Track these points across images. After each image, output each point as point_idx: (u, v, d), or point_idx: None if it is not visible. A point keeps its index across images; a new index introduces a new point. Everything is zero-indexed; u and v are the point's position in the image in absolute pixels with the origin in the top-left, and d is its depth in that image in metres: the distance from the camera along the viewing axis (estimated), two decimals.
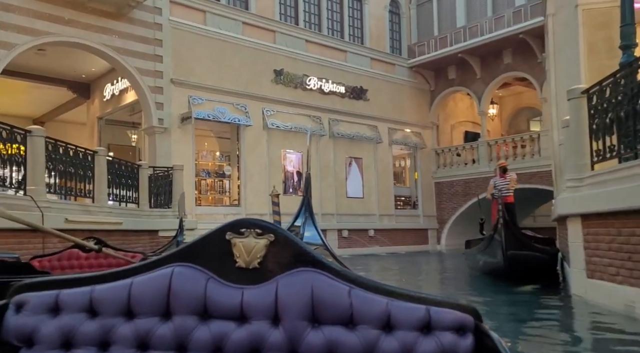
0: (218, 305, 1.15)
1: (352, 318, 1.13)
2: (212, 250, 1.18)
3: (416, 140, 18.09)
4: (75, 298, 1.18)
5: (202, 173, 13.55)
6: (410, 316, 1.12)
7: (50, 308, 1.18)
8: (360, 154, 16.38)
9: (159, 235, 8.89)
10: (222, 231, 1.19)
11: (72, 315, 1.17)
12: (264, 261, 1.16)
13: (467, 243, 9.07)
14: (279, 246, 1.16)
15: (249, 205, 13.49)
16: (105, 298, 1.17)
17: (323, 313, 1.13)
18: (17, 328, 1.16)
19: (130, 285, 1.17)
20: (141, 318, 1.16)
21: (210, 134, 14.27)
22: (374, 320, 1.12)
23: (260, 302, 1.14)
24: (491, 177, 14.09)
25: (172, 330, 1.14)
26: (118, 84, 13.06)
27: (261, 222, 1.19)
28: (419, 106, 18.37)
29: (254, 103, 13.84)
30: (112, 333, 1.15)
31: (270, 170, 14.02)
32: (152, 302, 1.16)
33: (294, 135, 14.65)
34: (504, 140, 16.93)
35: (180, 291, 1.15)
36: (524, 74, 16.29)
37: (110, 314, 1.16)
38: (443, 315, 1.12)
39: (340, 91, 15.96)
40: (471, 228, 18.45)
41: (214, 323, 1.14)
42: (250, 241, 1.16)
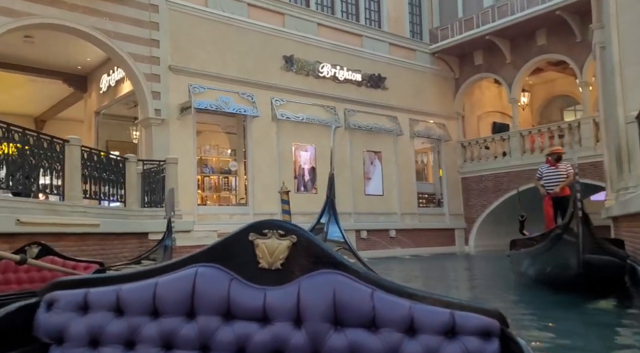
0: (241, 305, 1.17)
1: (374, 321, 1.13)
2: (235, 251, 1.21)
3: (440, 132, 16.67)
4: (102, 297, 1.22)
5: (205, 169, 12.41)
6: (434, 320, 1.11)
7: (80, 307, 1.22)
8: (379, 147, 15.04)
9: (149, 239, 7.74)
10: (245, 232, 1.22)
11: (100, 313, 1.21)
12: (287, 262, 1.18)
13: (512, 243, 7.62)
14: (302, 247, 1.18)
15: (257, 203, 12.31)
16: (131, 298, 1.20)
17: (345, 315, 1.14)
18: (47, 325, 1.20)
19: (155, 285, 1.20)
20: (166, 318, 1.19)
21: (213, 126, 13.13)
22: (397, 324, 1.12)
23: (282, 304, 1.15)
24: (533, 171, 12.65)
25: (196, 330, 1.17)
26: (114, 74, 12.02)
27: (284, 223, 1.22)
28: (442, 95, 16.94)
29: (262, 92, 12.65)
30: (138, 332, 1.18)
31: (280, 165, 12.81)
32: (176, 302, 1.18)
33: (306, 127, 13.41)
34: (538, 130, 15.38)
35: (204, 291, 1.17)
36: (560, 56, 14.73)
37: (136, 313, 1.20)
38: (468, 319, 1.10)
39: (356, 79, 14.67)
40: (503, 228, 16.91)
41: (237, 323, 1.17)
42: (273, 242, 1.19)
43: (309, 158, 13.59)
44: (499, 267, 11.06)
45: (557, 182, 8.62)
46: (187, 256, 1.23)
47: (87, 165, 6.63)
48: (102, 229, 6.57)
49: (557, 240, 5.43)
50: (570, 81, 18.34)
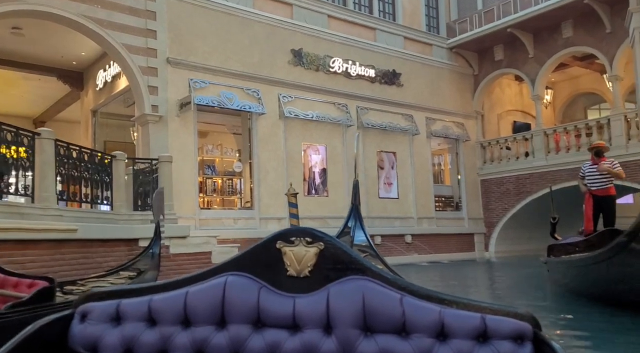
0: (271, 313, 1.18)
1: (404, 326, 1.13)
2: (263, 259, 1.22)
3: (458, 132, 15.68)
4: (134, 307, 1.24)
5: (207, 170, 11.56)
6: (465, 324, 1.10)
7: (112, 318, 1.24)
8: (394, 147, 14.11)
9: (140, 245, 6.89)
10: (273, 240, 1.22)
11: (132, 324, 1.23)
12: (315, 269, 1.19)
13: (550, 249, 6.58)
14: (329, 254, 1.19)
15: (263, 207, 11.43)
16: (162, 308, 1.22)
17: (375, 321, 1.14)
18: (82, 337, 1.22)
19: (186, 295, 1.22)
20: (197, 327, 1.20)
21: (216, 124, 12.28)
22: (428, 329, 1.11)
23: (312, 311, 1.16)
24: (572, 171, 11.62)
25: (228, 339, 1.18)
26: (110, 69, 11.25)
27: (311, 231, 1.23)
28: (460, 93, 15.97)
29: (268, 88, 11.79)
30: (171, 341, 1.20)
31: (288, 166, 11.93)
32: (207, 311, 1.20)
33: (315, 126, 12.53)
34: (564, 128, 14.32)
35: (234, 300, 1.19)
36: (589, 49, 13.70)
37: (168, 323, 1.21)
38: (500, 323, 1.09)
39: (370, 75, 13.76)
40: (525, 233, 15.87)
41: (268, 332, 1.17)
42: (301, 250, 1.20)
43: (320, 159, 12.70)
44: (525, 275, 10.06)
45: (599, 181, 7.67)
46: (216, 265, 1.26)
47: (64, 163, 5.80)
48: (82, 235, 5.72)
49: (621, 250, 4.44)
50: (596, 78, 17.30)
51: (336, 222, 12.69)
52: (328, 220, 12.39)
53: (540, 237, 16.74)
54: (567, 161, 13.83)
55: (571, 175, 13.67)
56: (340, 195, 12.75)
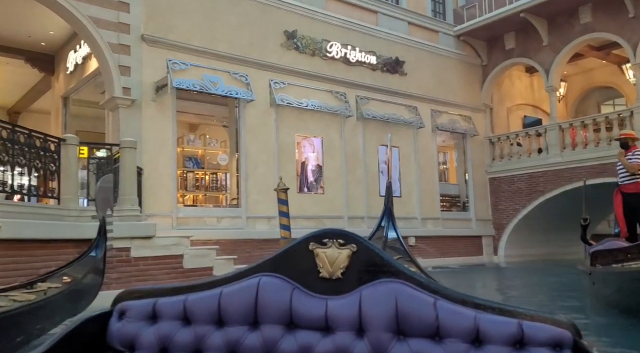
0: (303, 315, 1.19)
1: (438, 331, 1.10)
2: (296, 261, 1.23)
3: (466, 126, 14.51)
4: (170, 306, 1.27)
5: (188, 163, 10.37)
6: (501, 330, 1.08)
7: (149, 316, 1.27)
8: (397, 141, 12.92)
9: None
10: (306, 241, 1.25)
11: (168, 322, 1.26)
12: (347, 271, 1.19)
13: (595, 256, 5.30)
14: (362, 256, 1.19)
15: (251, 205, 10.25)
16: (197, 307, 1.25)
17: (408, 325, 1.12)
18: (120, 334, 1.26)
19: (220, 295, 1.24)
20: (231, 327, 1.22)
21: (204, 115, 11.09)
22: (462, 334, 1.09)
23: (344, 313, 1.16)
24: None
25: (261, 339, 1.19)
26: (81, 50, 10.07)
27: (344, 232, 1.24)
28: (468, 84, 14.81)
29: (258, 72, 10.62)
30: (205, 341, 1.22)
31: (280, 160, 10.76)
32: (240, 311, 1.22)
33: (311, 116, 11.36)
34: (581, 122, 13.15)
35: (267, 301, 1.21)
36: (609, 35, 12.55)
37: (203, 322, 1.24)
38: (537, 330, 1.06)
39: (371, 62, 12.60)
40: (537, 236, 14.67)
41: (300, 333, 1.19)
42: (333, 251, 1.21)
43: (315, 152, 11.52)
44: (547, 284, 8.84)
45: (625, 175, 6.60)
46: (250, 266, 1.27)
47: None
48: (9, 234, 4.53)
49: None
50: (611, 70, 16.18)
51: (333, 223, 11.53)
52: (324, 220, 11.23)
53: (554, 240, 15.65)
54: (585, 157, 12.69)
55: (590, 173, 12.53)
56: (338, 192, 11.58)
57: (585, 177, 12.65)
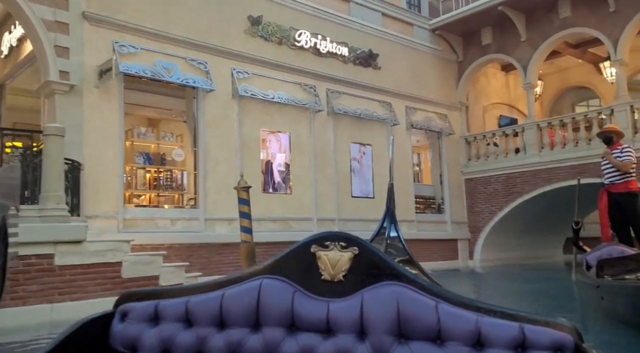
0: (305, 317, 1.18)
1: (439, 334, 1.11)
2: (298, 263, 1.23)
3: (441, 124, 13.88)
4: (172, 308, 1.27)
5: (138, 158, 9.30)
6: (503, 334, 1.08)
7: (151, 318, 1.27)
8: (370, 138, 12.17)
9: None
10: (307, 244, 1.23)
11: (170, 324, 1.25)
12: (349, 274, 1.19)
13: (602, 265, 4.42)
14: (364, 259, 1.18)
15: (210, 206, 9.27)
16: (199, 309, 1.24)
17: (409, 328, 1.12)
18: (122, 336, 1.26)
19: (222, 297, 1.24)
20: (232, 329, 1.22)
21: (154, 103, 10.04)
22: (464, 337, 1.10)
23: (345, 316, 1.16)
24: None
25: (262, 342, 1.19)
26: (16, 31, 8.90)
27: (346, 235, 1.23)
28: (443, 81, 14.20)
29: (219, 60, 9.68)
30: (206, 343, 1.22)
31: (243, 156, 9.82)
32: (242, 313, 1.22)
33: (278, 110, 10.46)
34: (560, 120, 12.67)
35: (268, 303, 1.20)
36: (589, 30, 12.11)
37: (204, 324, 1.24)
38: (539, 333, 1.06)
39: (343, 54, 11.80)
40: (513, 239, 14.10)
41: (301, 335, 1.18)
42: (335, 254, 1.20)
43: (282, 149, 10.62)
44: (532, 292, 8.15)
45: (612, 173, 6.00)
46: (252, 269, 1.28)
47: None
48: None
49: None
50: (587, 70, 15.89)
51: (301, 225, 10.64)
52: (291, 223, 10.34)
53: (530, 243, 15.16)
54: (564, 158, 12.21)
55: (569, 174, 12.06)
56: (306, 192, 10.70)
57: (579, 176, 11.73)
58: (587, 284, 4.94)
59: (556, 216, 14.07)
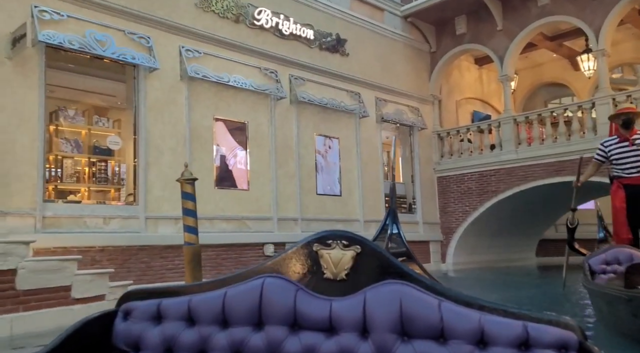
0: (307, 316, 1.18)
1: (442, 332, 1.10)
2: (300, 262, 1.25)
3: (413, 118, 12.99)
4: (175, 307, 1.27)
5: (64, 145, 7.93)
6: (506, 332, 1.07)
7: (153, 316, 1.28)
8: (337, 131, 11.13)
9: None
10: (310, 243, 1.25)
11: (172, 323, 1.26)
12: (352, 273, 1.20)
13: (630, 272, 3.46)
14: (366, 258, 1.20)
15: (152, 202, 8.01)
16: (201, 308, 1.25)
17: (412, 326, 1.12)
18: (125, 334, 1.27)
19: (224, 295, 1.24)
20: (235, 328, 1.22)
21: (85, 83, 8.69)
22: (467, 335, 1.08)
23: (348, 314, 1.15)
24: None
25: (265, 340, 1.18)
26: None
27: (348, 234, 1.25)
28: (415, 72, 13.33)
29: (165, 35, 8.44)
30: (209, 341, 1.22)
31: (192, 146, 8.60)
32: (244, 312, 1.21)
33: (233, 95, 9.29)
34: (538, 114, 11.95)
35: (271, 302, 1.20)
36: (570, 19, 11.42)
37: (207, 323, 1.24)
38: (543, 332, 1.05)
39: (307, 37, 10.73)
40: (486, 241, 13.32)
41: (304, 334, 1.18)
42: (337, 253, 1.21)
43: (239, 140, 9.44)
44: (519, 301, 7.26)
45: (635, 164, 5.12)
46: (254, 267, 1.28)
47: None
48: None
49: None
50: (561, 65, 15.38)
51: (258, 225, 9.47)
52: (248, 222, 9.18)
53: (502, 246, 14.41)
54: (542, 154, 11.50)
55: (546, 172, 11.36)
56: (265, 189, 9.55)
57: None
58: (597, 294, 4.00)
59: (530, 217, 13.42)
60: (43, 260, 4.72)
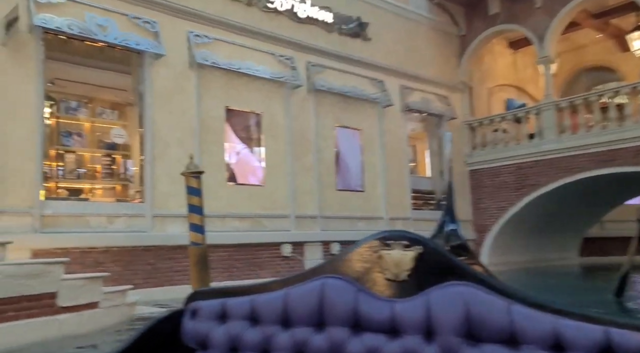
0: (369, 317, 1.17)
1: (513, 336, 1.06)
2: (360, 263, 1.22)
3: (442, 107, 12.10)
4: (239, 306, 1.31)
5: (65, 139, 7.46)
6: (585, 337, 1.01)
7: (218, 315, 1.32)
8: (358, 122, 10.38)
9: None
10: (369, 243, 1.21)
11: (237, 322, 1.29)
12: (413, 274, 1.16)
13: None
14: (428, 259, 1.16)
15: (159, 199, 7.48)
16: (264, 308, 1.27)
17: (480, 330, 1.08)
18: (193, 332, 1.31)
19: (285, 296, 1.26)
20: (297, 328, 1.23)
21: (86, 75, 8.19)
22: (541, 340, 1.04)
23: (411, 316, 1.13)
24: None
25: (327, 341, 1.18)
26: None
27: (409, 234, 1.20)
28: (443, 58, 12.42)
29: (172, 20, 7.89)
30: (272, 341, 1.23)
31: (202, 139, 8.04)
32: (306, 313, 1.22)
33: (246, 83, 8.67)
34: (584, 98, 10.86)
35: (331, 303, 1.20)
36: None
37: (269, 323, 1.26)
38: (628, 338, 0.98)
39: (326, 20, 10.02)
40: (524, 240, 12.41)
41: (366, 336, 1.16)
42: (398, 253, 1.17)
43: (253, 132, 8.83)
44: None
45: None
46: (314, 267, 1.29)
47: None
48: None
49: None
50: (606, 46, 14.15)
51: (274, 223, 8.82)
52: (262, 220, 8.56)
53: (542, 244, 13.26)
54: (588, 143, 10.44)
55: (593, 162, 10.31)
56: (281, 184, 8.91)
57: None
58: None
59: (573, 213, 12.32)
60: (22, 264, 4.19)
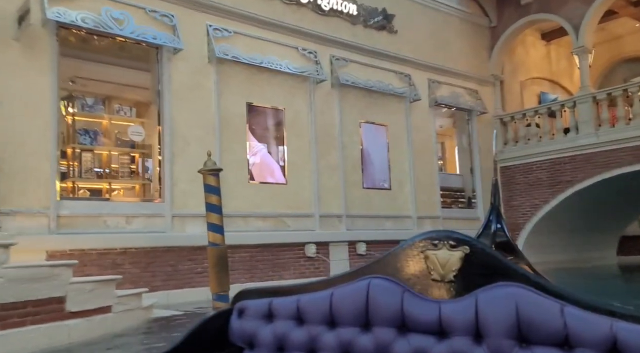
0: (415, 318, 1.15)
1: (567, 339, 1.03)
2: (406, 263, 1.20)
3: (472, 101, 11.58)
4: (285, 306, 1.32)
5: (82, 137, 7.26)
6: None
7: (265, 315, 1.34)
8: (384, 117, 9.96)
9: None
10: (415, 243, 1.19)
11: (283, 321, 1.31)
12: (460, 274, 1.14)
13: None
14: (476, 259, 1.14)
15: (179, 198, 7.22)
16: (310, 308, 1.28)
17: (531, 332, 1.05)
18: (240, 331, 1.35)
19: (331, 296, 1.25)
20: (343, 328, 1.22)
21: (112, 77, 8.00)
22: (596, 344, 1.00)
23: (459, 317, 1.11)
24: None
25: (373, 342, 1.17)
26: None
27: (455, 234, 1.17)
28: (473, 50, 11.89)
29: (190, 13, 7.62)
30: (318, 340, 1.24)
31: (222, 136, 7.75)
32: (352, 313, 1.21)
33: (268, 78, 8.35)
34: (623, 90, 10.21)
35: (377, 303, 1.19)
36: None
37: (315, 322, 1.26)
38: None
39: (350, 12, 9.63)
40: (561, 238, 11.82)
41: (413, 336, 1.15)
42: (444, 253, 1.15)
43: (275, 128, 8.52)
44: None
45: None
46: (359, 267, 1.27)
47: None
48: None
49: None
50: None
51: (299, 223, 8.49)
52: (286, 220, 8.23)
53: (578, 243, 12.65)
54: (629, 136, 9.81)
55: (633, 157, 9.68)
56: (305, 182, 8.57)
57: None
58: None
59: (611, 210, 11.65)
60: (27, 266, 3.94)
